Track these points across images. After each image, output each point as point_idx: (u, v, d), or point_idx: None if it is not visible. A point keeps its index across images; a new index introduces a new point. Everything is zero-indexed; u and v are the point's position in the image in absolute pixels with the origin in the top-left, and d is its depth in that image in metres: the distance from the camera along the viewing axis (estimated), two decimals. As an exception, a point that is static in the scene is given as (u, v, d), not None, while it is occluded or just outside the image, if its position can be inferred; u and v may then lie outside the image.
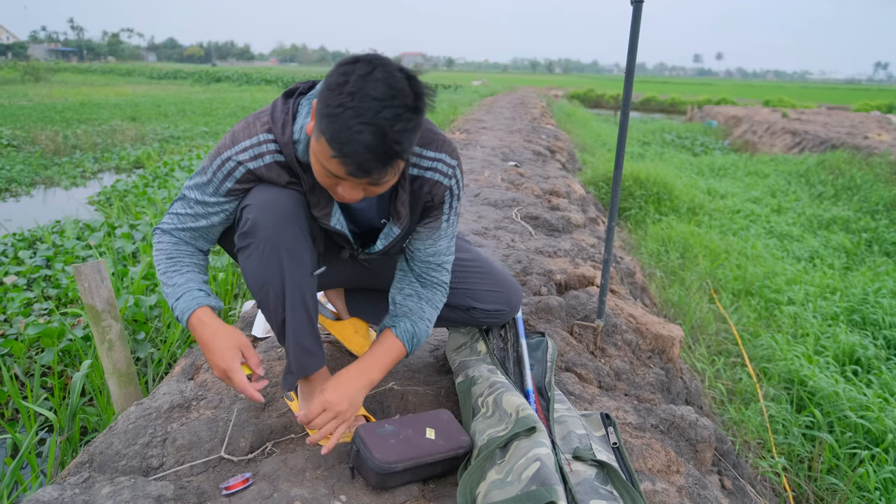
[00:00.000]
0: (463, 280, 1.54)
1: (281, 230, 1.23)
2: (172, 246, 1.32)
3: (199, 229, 1.31)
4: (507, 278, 1.61)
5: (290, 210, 1.23)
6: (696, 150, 12.82)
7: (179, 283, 1.27)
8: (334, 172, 1.07)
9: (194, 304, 1.25)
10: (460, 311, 1.57)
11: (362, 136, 0.99)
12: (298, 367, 1.34)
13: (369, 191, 1.12)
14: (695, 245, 5.08)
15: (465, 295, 1.55)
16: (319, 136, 1.04)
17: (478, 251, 1.64)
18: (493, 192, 4.20)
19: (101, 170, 8.83)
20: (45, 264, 4.03)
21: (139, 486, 1.17)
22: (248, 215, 1.23)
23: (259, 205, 1.22)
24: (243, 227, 1.24)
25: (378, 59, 1.03)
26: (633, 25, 1.76)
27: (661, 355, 2.16)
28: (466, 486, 1.17)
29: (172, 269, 1.29)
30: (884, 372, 3.09)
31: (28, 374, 2.72)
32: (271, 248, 1.23)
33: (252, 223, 1.22)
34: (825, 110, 22.11)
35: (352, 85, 0.99)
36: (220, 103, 18.78)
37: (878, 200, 7.13)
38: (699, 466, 1.62)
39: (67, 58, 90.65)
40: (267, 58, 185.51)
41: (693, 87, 51.85)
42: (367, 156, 1.01)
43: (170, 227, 1.33)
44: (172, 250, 1.31)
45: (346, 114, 0.99)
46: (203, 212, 1.29)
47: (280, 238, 1.23)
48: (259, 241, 1.23)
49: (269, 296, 1.28)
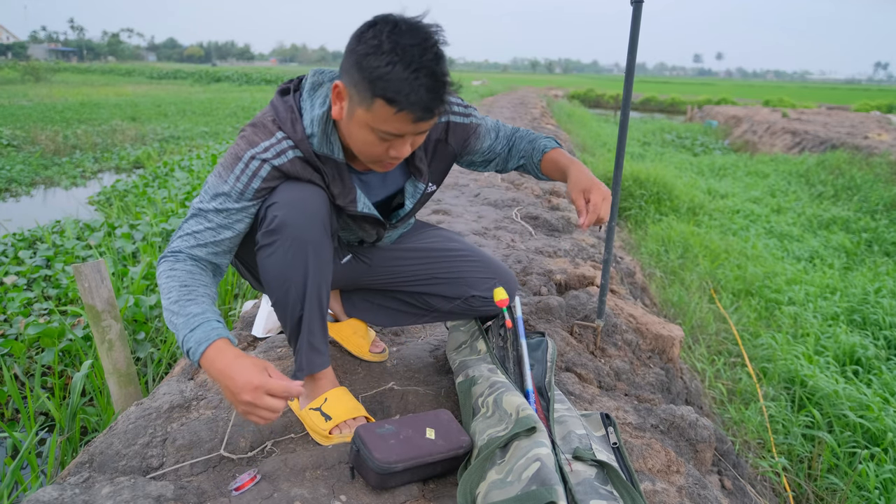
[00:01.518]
0: (457, 269, 1.56)
1: (308, 229, 1.24)
2: (187, 274, 1.20)
3: (221, 242, 1.25)
4: (499, 265, 1.63)
5: (317, 209, 1.25)
6: (696, 150, 12.82)
7: (195, 312, 1.14)
8: (396, 131, 1.12)
9: (214, 336, 1.12)
10: (459, 302, 1.59)
11: (419, 80, 1.07)
12: (308, 364, 1.37)
13: (415, 142, 1.21)
14: (695, 245, 5.08)
15: (463, 284, 1.57)
16: (371, 104, 1.10)
17: (467, 242, 1.66)
18: (493, 192, 4.20)
19: (101, 170, 8.83)
20: (45, 264, 4.03)
21: (139, 486, 1.17)
22: (276, 213, 1.22)
23: (287, 202, 1.22)
24: (269, 225, 1.23)
25: (390, 15, 1.11)
26: (633, 25, 1.76)
27: (661, 355, 2.16)
28: (466, 486, 1.17)
29: (187, 298, 1.16)
30: (884, 372, 3.09)
31: (28, 374, 2.72)
32: (298, 246, 1.24)
33: (280, 221, 1.22)
34: (825, 110, 22.11)
35: (387, 44, 1.06)
36: (220, 103, 18.78)
37: (878, 200, 7.13)
38: (699, 466, 1.62)
39: (67, 58, 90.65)
40: (267, 58, 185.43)
41: (693, 87, 51.86)
42: (430, 95, 1.09)
43: (186, 249, 1.23)
44: (187, 278, 1.19)
45: (398, 68, 1.06)
46: (225, 222, 1.24)
47: (307, 236, 1.24)
48: (286, 239, 1.23)
49: (290, 293, 1.29)
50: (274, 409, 1.07)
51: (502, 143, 1.55)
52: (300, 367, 1.37)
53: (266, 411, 1.06)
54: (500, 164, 1.59)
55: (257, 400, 1.05)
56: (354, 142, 1.19)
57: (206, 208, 1.24)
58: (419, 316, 1.67)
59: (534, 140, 1.54)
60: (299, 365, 1.37)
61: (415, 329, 2.03)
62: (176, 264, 1.21)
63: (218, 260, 1.28)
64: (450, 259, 1.56)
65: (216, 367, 1.09)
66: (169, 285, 1.18)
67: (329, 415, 1.38)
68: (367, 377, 1.69)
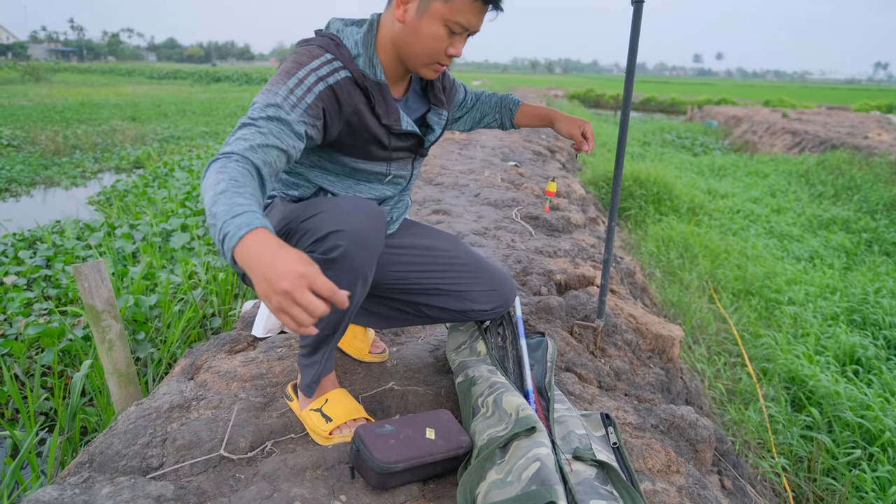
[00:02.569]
0: (459, 284, 1.54)
1: (367, 263, 1.25)
2: (239, 173, 1.07)
3: (269, 152, 1.14)
4: (501, 276, 1.62)
5: (379, 242, 1.26)
6: (696, 150, 12.82)
7: (240, 202, 1.00)
8: (466, 23, 1.25)
9: (257, 223, 0.97)
10: (457, 313, 1.58)
11: None
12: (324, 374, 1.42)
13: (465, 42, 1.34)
14: (695, 245, 5.08)
15: (464, 298, 1.55)
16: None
17: (469, 249, 1.63)
18: (493, 192, 4.20)
19: (101, 170, 8.83)
20: (45, 264, 4.03)
21: (139, 486, 1.17)
22: (339, 242, 1.19)
23: (353, 233, 1.20)
24: (329, 253, 1.20)
25: None
26: (633, 25, 1.76)
27: (661, 355, 2.16)
28: (466, 486, 1.17)
29: (235, 191, 1.02)
30: (884, 372, 3.09)
31: (28, 374, 2.72)
32: (353, 278, 1.24)
33: (342, 253, 1.20)
34: (825, 110, 22.10)
35: None
36: (220, 103, 18.78)
37: (878, 200, 7.13)
38: (699, 466, 1.62)
39: (67, 58, 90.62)
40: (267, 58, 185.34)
41: (693, 87, 51.86)
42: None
43: (239, 151, 1.10)
44: (239, 176, 1.06)
45: None
46: (277, 130, 1.15)
47: (364, 270, 1.25)
48: (343, 271, 1.22)
49: (325, 318, 1.30)
50: (314, 309, 0.90)
51: (471, 96, 1.74)
52: (315, 380, 1.40)
53: (302, 311, 0.90)
54: (470, 122, 1.78)
55: (297, 292, 0.89)
56: (420, 40, 1.27)
57: (256, 117, 1.15)
58: (414, 321, 1.66)
59: (501, 97, 1.78)
60: (315, 377, 1.40)
61: (415, 329, 2.03)
62: (229, 164, 1.08)
63: (266, 173, 1.13)
64: (452, 271, 1.54)
65: (255, 251, 0.94)
66: (218, 178, 1.05)
67: (329, 416, 1.38)
68: (367, 377, 1.69)
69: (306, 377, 1.41)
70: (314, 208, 1.26)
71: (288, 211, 1.31)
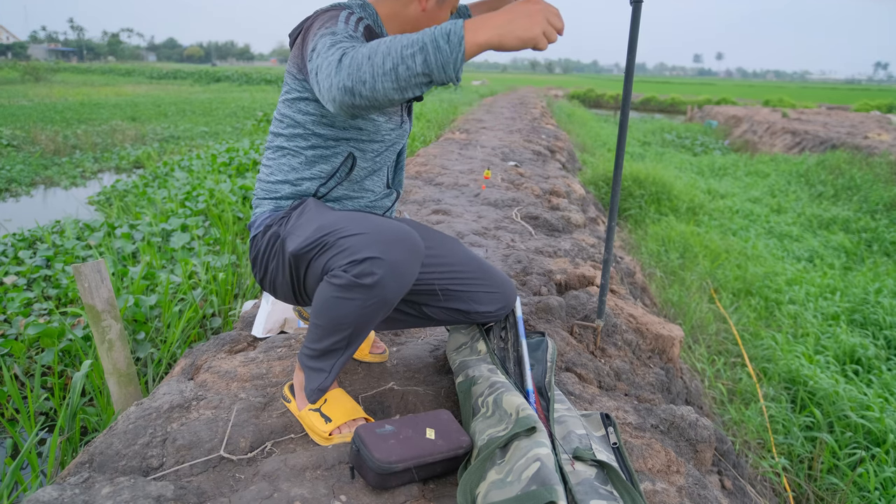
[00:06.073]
0: (463, 285, 1.55)
1: (398, 294, 1.24)
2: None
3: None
4: (502, 278, 1.62)
5: (413, 275, 1.25)
6: (696, 150, 12.82)
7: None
8: None
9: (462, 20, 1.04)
10: (461, 315, 1.58)
11: None
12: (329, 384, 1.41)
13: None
14: (695, 245, 5.08)
15: (468, 299, 1.56)
16: None
17: (469, 252, 1.63)
18: (493, 192, 4.20)
19: (101, 170, 8.83)
20: (45, 264, 4.03)
21: (139, 486, 1.17)
22: (375, 270, 1.18)
23: (391, 266, 1.19)
24: (362, 278, 1.18)
25: None
26: (632, 25, 1.76)
27: (661, 355, 2.16)
28: (466, 486, 1.17)
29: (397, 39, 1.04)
30: (884, 372, 3.09)
31: (28, 374, 2.72)
32: (379, 306, 1.24)
33: (376, 281, 1.19)
34: (825, 110, 22.10)
35: None
36: (220, 103, 18.78)
37: (878, 200, 7.13)
38: (699, 466, 1.62)
39: (67, 58, 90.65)
40: (267, 58, 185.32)
41: (693, 87, 51.86)
42: None
43: (350, 45, 1.10)
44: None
45: None
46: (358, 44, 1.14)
47: (392, 302, 1.25)
48: (373, 298, 1.21)
49: (344, 332, 1.28)
50: (561, 29, 1.09)
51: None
52: (322, 388, 1.38)
53: (553, 29, 1.07)
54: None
55: (551, 15, 1.07)
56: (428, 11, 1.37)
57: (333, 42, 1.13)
58: (415, 322, 1.66)
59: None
60: (322, 385, 1.38)
61: (415, 329, 2.03)
62: (358, 47, 1.08)
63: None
64: (455, 273, 1.54)
65: (484, 21, 1.03)
66: (368, 48, 1.05)
67: (329, 416, 1.38)
68: (367, 377, 1.69)
69: (311, 382, 1.38)
70: (355, 226, 1.22)
71: (325, 220, 1.27)
